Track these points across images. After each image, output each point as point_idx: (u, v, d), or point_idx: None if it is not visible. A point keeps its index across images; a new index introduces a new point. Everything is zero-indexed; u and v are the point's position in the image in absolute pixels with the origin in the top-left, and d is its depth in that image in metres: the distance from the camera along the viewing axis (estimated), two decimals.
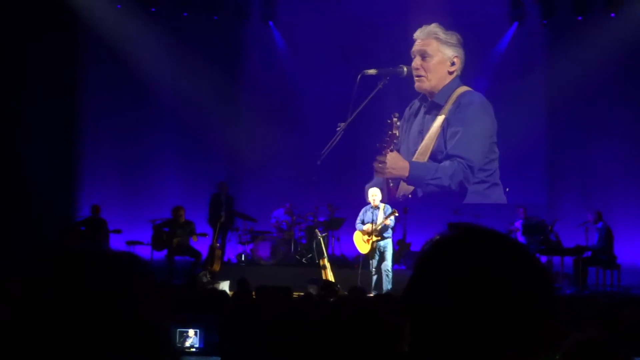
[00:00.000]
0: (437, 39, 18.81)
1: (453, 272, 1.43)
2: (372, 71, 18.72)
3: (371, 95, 18.62)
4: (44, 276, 1.49)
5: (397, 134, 18.78)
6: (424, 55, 18.84)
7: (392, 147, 18.66)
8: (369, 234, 13.53)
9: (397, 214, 13.63)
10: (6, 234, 14.62)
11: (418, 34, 18.84)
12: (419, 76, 18.85)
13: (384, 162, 18.62)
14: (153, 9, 18.09)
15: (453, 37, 18.80)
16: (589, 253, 14.72)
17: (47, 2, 16.18)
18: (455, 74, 18.80)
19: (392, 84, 18.82)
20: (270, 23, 19.32)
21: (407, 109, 19.04)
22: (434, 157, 18.59)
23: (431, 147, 18.62)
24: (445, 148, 18.49)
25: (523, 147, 18.19)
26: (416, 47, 18.86)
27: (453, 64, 18.79)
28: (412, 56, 18.91)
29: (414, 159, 18.68)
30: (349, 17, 18.66)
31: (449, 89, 18.78)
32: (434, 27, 18.81)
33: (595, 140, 17.71)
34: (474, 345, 1.40)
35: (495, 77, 18.63)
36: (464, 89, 18.77)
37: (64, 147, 17.30)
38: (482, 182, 18.45)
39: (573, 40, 17.58)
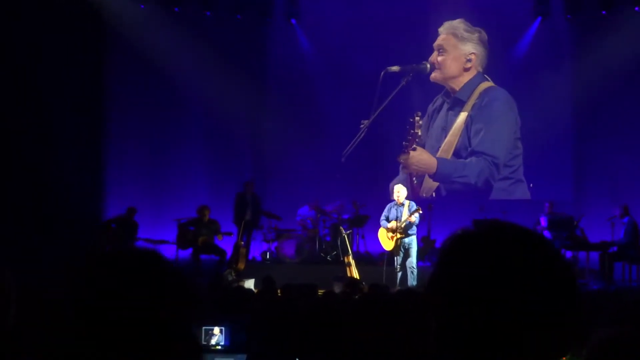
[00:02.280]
0: (455, 35, 18.81)
1: (475, 266, 1.43)
2: (395, 68, 18.71)
3: (394, 92, 18.61)
4: (77, 279, 1.52)
5: (419, 133, 18.74)
6: (440, 50, 18.85)
7: (414, 146, 18.63)
8: (393, 230, 13.50)
9: (421, 212, 13.58)
10: (36, 236, 14.74)
11: (441, 29, 18.86)
12: (433, 68, 18.87)
13: (406, 160, 18.60)
14: (176, 9, 18.18)
15: (474, 34, 18.76)
16: (615, 248, 14.62)
17: (72, 5, 16.27)
18: (472, 70, 18.76)
19: (416, 81, 18.81)
20: (293, 21, 19.34)
21: (430, 105, 19.03)
22: (457, 153, 18.56)
23: (455, 143, 18.58)
24: (470, 145, 18.46)
25: (549, 142, 18.15)
26: (436, 41, 18.88)
27: (469, 60, 18.75)
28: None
29: (437, 156, 18.65)
30: (371, 14, 18.63)
31: (471, 84, 18.75)
32: (456, 23, 18.80)
33: (622, 135, 17.58)
34: (496, 339, 1.40)
35: (520, 72, 18.56)
36: (487, 84, 18.72)
37: (91, 148, 17.37)
38: (506, 178, 18.40)
39: (598, 34, 17.48)
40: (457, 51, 18.84)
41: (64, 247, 13.60)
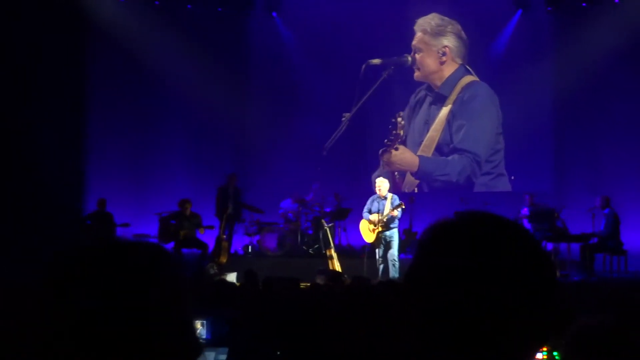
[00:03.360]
0: (426, 31, 18.84)
1: (456, 256, 1.43)
2: (376, 61, 18.71)
3: (376, 85, 18.63)
4: (70, 273, 1.49)
5: (402, 134, 18.73)
6: (416, 50, 18.87)
7: (396, 146, 18.62)
8: (375, 223, 13.51)
9: (404, 207, 13.59)
10: (15, 229, 14.67)
11: (415, 27, 18.88)
12: (415, 68, 18.92)
13: (388, 159, 18.59)
14: (157, 2, 18.10)
15: (447, 27, 18.76)
16: (596, 239, 14.69)
17: None
18: (450, 62, 18.76)
19: (397, 74, 18.82)
20: (274, 14, 19.28)
21: (413, 96, 19.00)
22: (439, 149, 18.58)
23: (437, 139, 18.60)
24: (452, 141, 18.48)
25: (530, 134, 18.21)
26: (413, 41, 18.88)
27: (444, 54, 18.74)
28: None
29: (419, 151, 18.65)
30: (352, 7, 18.63)
31: (453, 79, 18.75)
32: (428, 18, 18.84)
33: (602, 126, 17.69)
34: (476, 329, 1.40)
35: (501, 65, 18.58)
36: (469, 79, 18.73)
37: (71, 141, 17.28)
38: (488, 173, 18.45)
39: (578, 26, 17.56)
40: (431, 47, 18.84)
41: (44, 243, 13.52)
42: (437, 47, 18.80)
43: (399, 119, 18.73)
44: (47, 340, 1.43)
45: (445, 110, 18.63)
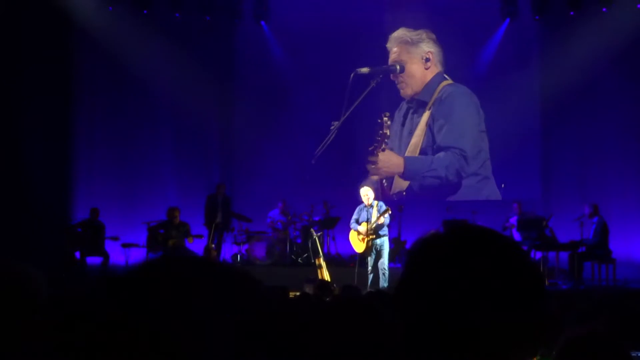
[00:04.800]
0: (405, 42, 18.84)
1: (442, 270, 1.43)
2: (365, 69, 18.71)
3: (364, 94, 18.62)
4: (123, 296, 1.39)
5: (388, 134, 18.75)
6: (400, 65, 18.84)
7: (383, 146, 18.64)
8: (365, 232, 13.49)
9: (390, 212, 13.59)
10: (3, 236, 14.59)
11: (389, 45, 18.87)
12: (401, 85, 18.92)
13: (375, 162, 18.61)
14: (145, 11, 18.06)
15: (422, 35, 18.80)
16: (584, 248, 14.71)
17: (41, 6, 16.14)
18: (432, 69, 18.80)
19: (385, 82, 18.82)
20: (262, 23, 19.27)
21: (397, 111, 19.03)
22: (424, 153, 18.60)
23: (420, 143, 18.61)
24: (435, 142, 18.50)
25: (518, 142, 18.21)
26: (391, 58, 18.88)
27: (428, 60, 18.78)
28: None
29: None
30: (341, 16, 18.61)
31: (432, 85, 18.81)
32: (400, 32, 18.84)
33: (590, 134, 17.72)
34: (466, 340, 1.40)
35: (489, 73, 18.62)
36: (446, 82, 18.77)
37: (59, 150, 17.24)
38: (474, 174, 18.42)
39: (566, 35, 17.61)
40: (414, 55, 18.84)
41: (31, 252, 13.48)
42: (420, 54, 18.83)
43: (385, 119, 18.75)
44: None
45: (425, 115, 18.67)
